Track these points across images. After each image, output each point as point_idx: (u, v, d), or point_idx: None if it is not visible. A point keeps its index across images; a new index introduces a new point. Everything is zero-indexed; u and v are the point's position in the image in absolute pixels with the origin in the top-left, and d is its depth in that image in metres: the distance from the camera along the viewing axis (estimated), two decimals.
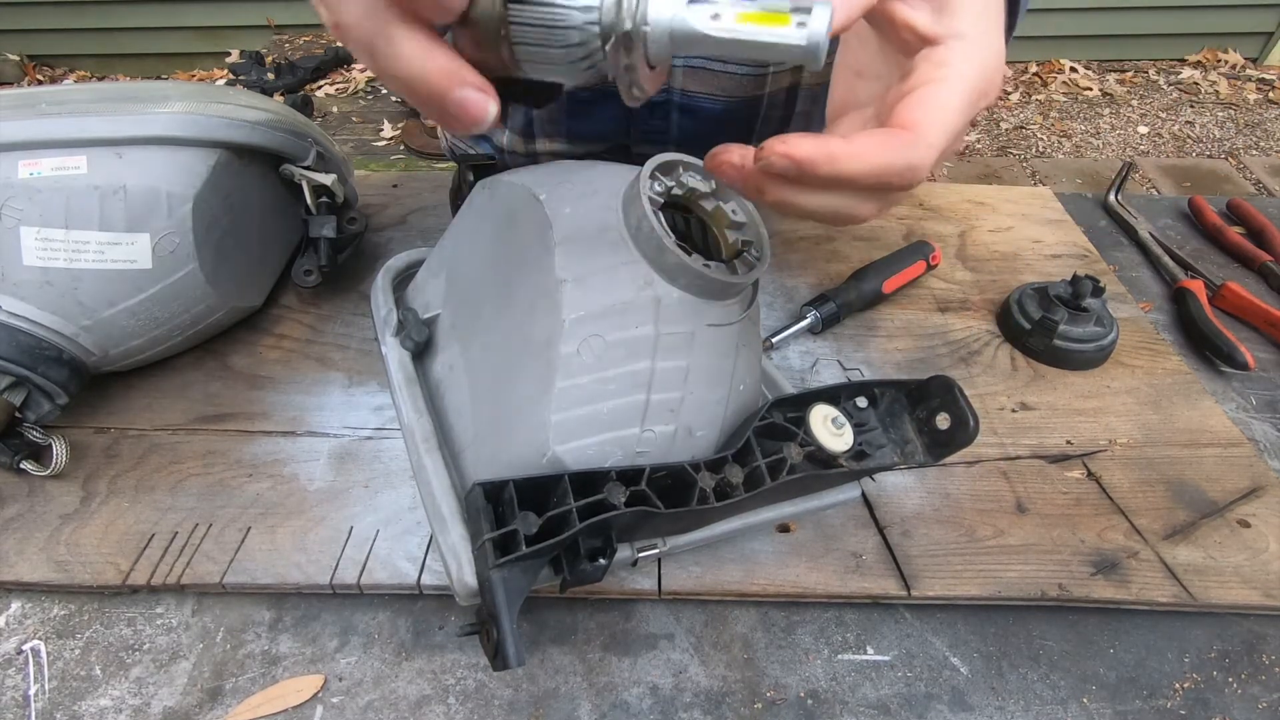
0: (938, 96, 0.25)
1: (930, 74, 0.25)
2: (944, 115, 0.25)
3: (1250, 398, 0.53)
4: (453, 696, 0.36)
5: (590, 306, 0.31)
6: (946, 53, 0.26)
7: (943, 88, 0.25)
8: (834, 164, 0.23)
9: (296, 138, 0.50)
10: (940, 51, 0.26)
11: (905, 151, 0.24)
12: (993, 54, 0.26)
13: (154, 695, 0.36)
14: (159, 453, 0.45)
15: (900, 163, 0.24)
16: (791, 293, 0.58)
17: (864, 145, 0.24)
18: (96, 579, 0.39)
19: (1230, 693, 0.37)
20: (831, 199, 0.25)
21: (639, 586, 0.39)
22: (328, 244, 0.53)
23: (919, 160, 0.24)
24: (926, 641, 0.39)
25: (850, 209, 0.26)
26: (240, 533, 0.41)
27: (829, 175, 0.24)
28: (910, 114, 0.25)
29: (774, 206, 0.26)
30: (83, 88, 0.44)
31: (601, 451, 0.32)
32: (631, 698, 0.36)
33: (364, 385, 0.50)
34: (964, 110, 0.25)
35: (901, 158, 0.24)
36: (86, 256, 0.42)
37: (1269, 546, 0.42)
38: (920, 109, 0.25)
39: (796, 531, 0.42)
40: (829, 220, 0.27)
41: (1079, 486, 0.45)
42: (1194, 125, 2.59)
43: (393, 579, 0.39)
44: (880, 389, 0.36)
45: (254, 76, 2.42)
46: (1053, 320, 0.52)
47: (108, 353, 0.45)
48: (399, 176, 0.71)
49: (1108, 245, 0.67)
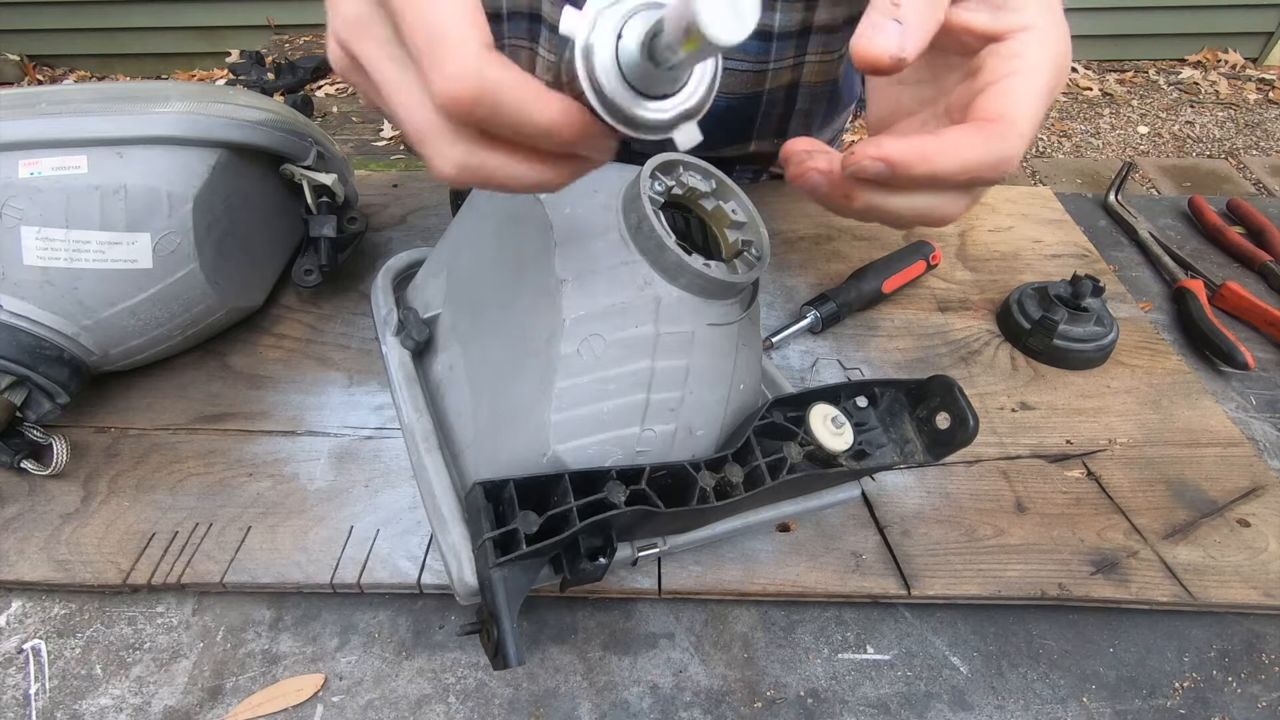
0: (1020, 87, 0.25)
1: (1005, 67, 0.25)
2: (1029, 104, 0.25)
3: (1250, 398, 0.53)
4: (453, 695, 0.36)
5: (590, 306, 0.31)
6: (1017, 45, 0.26)
7: (1021, 79, 0.25)
8: (929, 163, 0.23)
9: (297, 138, 0.50)
10: (1010, 45, 0.26)
11: (999, 143, 0.24)
12: (1063, 39, 0.26)
13: (154, 694, 0.36)
14: (159, 452, 0.45)
15: (995, 155, 0.24)
16: (791, 292, 0.59)
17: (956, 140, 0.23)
18: (97, 578, 0.39)
19: (1230, 692, 0.37)
20: (922, 199, 0.25)
21: (639, 586, 0.39)
22: (328, 244, 0.53)
23: (1011, 151, 0.24)
24: (926, 641, 0.39)
25: (941, 208, 0.26)
26: (241, 532, 0.41)
27: (923, 175, 0.23)
28: (995, 106, 0.24)
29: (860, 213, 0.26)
30: (83, 87, 0.44)
31: (602, 451, 0.32)
32: (631, 697, 0.36)
33: (364, 385, 0.50)
34: (1045, 97, 0.25)
35: (995, 150, 0.24)
36: (87, 256, 0.42)
37: (1269, 546, 0.42)
38: (1004, 100, 0.25)
39: (796, 531, 0.42)
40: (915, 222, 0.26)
41: (1079, 486, 0.45)
42: (1194, 125, 2.59)
43: (393, 578, 0.39)
44: (880, 388, 0.36)
45: (254, 76, 2.42)
46: (1053, 320, 0.52)
47: (108, 352, 0.45)
48: (399, 176, 0.71)
49: (1108, 245, 0.67)
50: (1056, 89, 0.26)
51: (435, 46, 0.19)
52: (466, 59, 0.19)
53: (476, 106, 0.19)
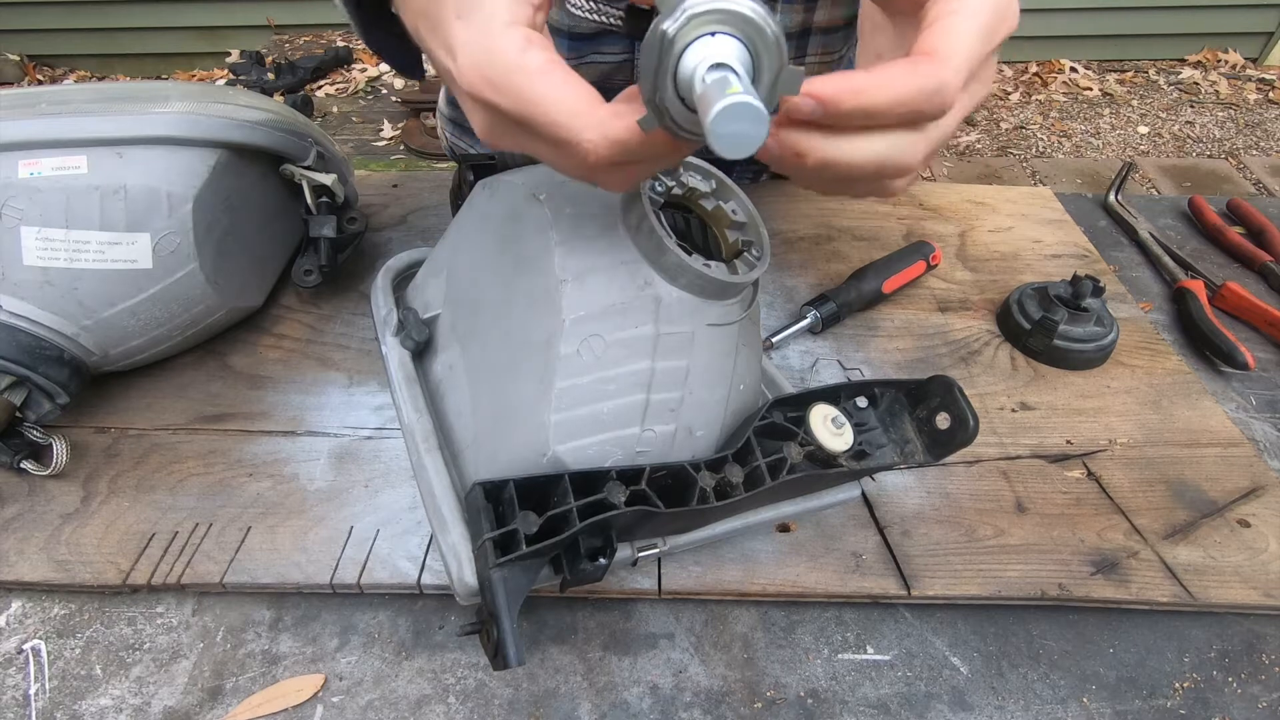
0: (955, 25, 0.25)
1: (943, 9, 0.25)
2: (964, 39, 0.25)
3: (1250, 398, 0.53)
4: (453, 696, 0.36)
5: (590, 306, 0.31)
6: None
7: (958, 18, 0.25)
8: (859, 96, 0.23)
9: (297, 138, 0.50)
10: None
11: (932, 74, 0.24)
12: None
13: (154, 694, 0.36)
14: (159, 452, 0.45)
15: (930, 84, 0.24)
16: (791, 293, 0.58)
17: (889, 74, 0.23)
18: (97, 578, 0.39)
19: (1230, 692, 0.37)
20: (872, 144, 0.25)
21: (639, 586, 0.39)
22: (328, 244, 0.53)
23: (947, 80, 0.24)
24: (926, 641, 0.39)
25: (895, 155, 0.25)
26: (240, 532, 0.41)
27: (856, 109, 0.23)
28: (929, 43, 0.25)
29: (816, 174, 0.26)
30: (83, 88, 0.44)
31: (601, 451, 0.32)
32: (631, 697, 0.36)
33: (364, 385, 0.50)
34: (984, 35, 0.25)
35: (929, 80, 0.24)
36: (87, 256, 0.42)
37: (1269, 546, 0.42)
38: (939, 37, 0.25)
39: (796, 531, 0.42)
40: (876, 175, 0.26)
41: (1079, 486, 0.45)
42: (1194, 125, 2.59)
43: (393, 578, 0.39)
44: (880, 389, 0.36)
45: (254, 76, 2.43)
46: (1053, 320, 0.52)
47: (108, 352, 0.45)
48: (399, 176, 0.71)
49: (1108, 245, 0.67)
50: (1001, 28, 0.26)
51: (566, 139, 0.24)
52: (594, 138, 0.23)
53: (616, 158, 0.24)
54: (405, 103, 2.25)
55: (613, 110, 0.23)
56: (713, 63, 0.20)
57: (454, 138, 0.78)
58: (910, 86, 0.23)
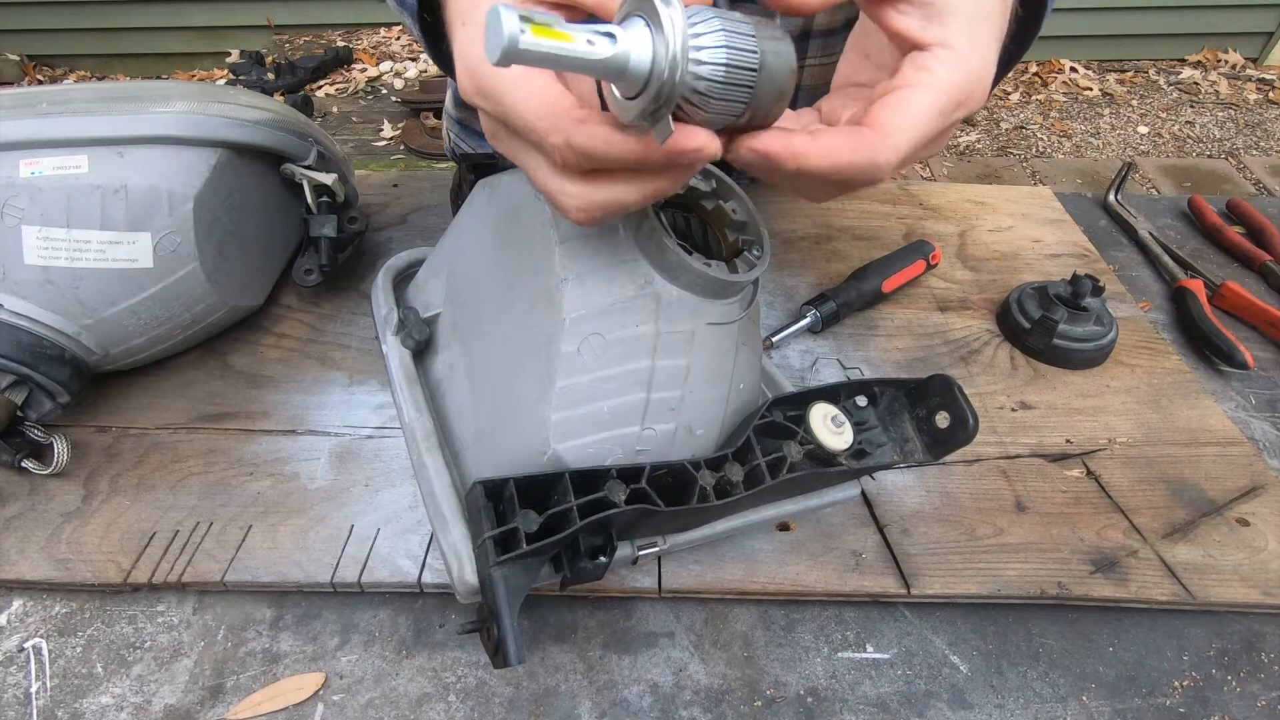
0: (911, 102, 0.26)
1: (910, 78, 0.26)
2: (914, 121, 0.26)
3: (1250, 397, 0.53)
4: (453, 694, 0.36)
5: (591, 305, 0.31)
6: (930, 59, 0.26)
7: (918, 93, 0.26)
8: (798, 160, 0.25)
9: (297, 137, 0.50)
10: (924, 57, 0.27)
11: (868, 153, 0.25)
12: (976, 66, 0.27)
13: (155, 693, 0.36)
14: (160, 451, 0.45)
15: (862, 162, 0.25)
16: (791, 292, 0.59)
17: (830, 144, 0.25)
18: (98, 577, 0.39)
19: (1229, 691, 0.37)
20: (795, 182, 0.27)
21: (639, 585, 0.39)
22: (328, 243, 0.53)
23: (882, 161, 0.25)
24: (926, 640, 0.39)
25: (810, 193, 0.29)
26: (241, 531, 0.41)
27: (793, 170, 0.25)
28: (881, 116, 0.26)
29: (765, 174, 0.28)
30: (84, 87, 0.44)
31: (602, 450, 0.32)
32: (632, 696, 0.36)
33: (364, 384, 0.50)
34: (937, 118, 0.26)
35: (864, 158, 0.25)
36: (88, 255, 0.42)
37: (1268, 545, 0.42)
38: (891, 112, 0.26)
39: (796, 530, 0.42)
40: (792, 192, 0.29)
41: (1078, 485, 0.45)
42: (1194, 125, 2.59)
43: (393, 577, 0.39)
44: (880, 388, 0.36)
45: (254, 76, 2.42)
46: (1052, 319, 0.52)
47: (109, 351, 0.45)
48: (399, 176, 0.71)
49: (1108, 245, 0.67)
50: (958, 112, 0.27)
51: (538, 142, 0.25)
52: (558, 141, 0.24)
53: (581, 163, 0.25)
54: (405, 103, 2.25)
55: (580, 116, 0.24)
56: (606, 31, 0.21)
57: (459, 139, 0.78)
58: (845, 159, 0.25)
